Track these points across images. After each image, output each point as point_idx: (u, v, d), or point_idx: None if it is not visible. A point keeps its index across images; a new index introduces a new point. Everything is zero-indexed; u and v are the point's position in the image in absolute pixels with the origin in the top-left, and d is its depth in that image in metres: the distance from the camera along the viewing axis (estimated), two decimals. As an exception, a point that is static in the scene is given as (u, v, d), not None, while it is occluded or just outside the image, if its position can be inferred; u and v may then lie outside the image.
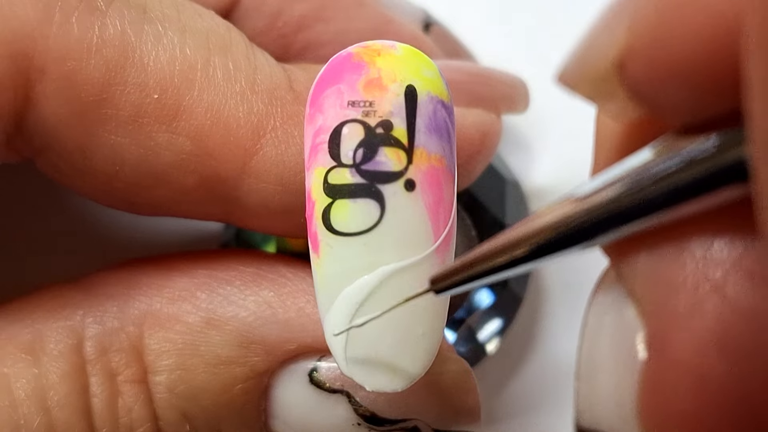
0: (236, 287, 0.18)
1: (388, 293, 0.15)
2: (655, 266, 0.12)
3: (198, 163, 0.17)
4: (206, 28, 0.18)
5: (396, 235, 0.15)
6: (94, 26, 0.16)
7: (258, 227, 0.19)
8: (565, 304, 0.25)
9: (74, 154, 0.17)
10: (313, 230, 0.16)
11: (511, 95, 0.22)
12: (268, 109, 0.17)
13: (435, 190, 0.16)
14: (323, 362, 0.18)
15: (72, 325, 0.17)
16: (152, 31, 0.17)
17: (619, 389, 0.12)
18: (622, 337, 0.12)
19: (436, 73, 0.16)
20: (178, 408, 0.18)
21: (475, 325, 0.23)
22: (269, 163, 0.17)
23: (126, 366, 0.17)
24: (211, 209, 0.18)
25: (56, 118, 0.17)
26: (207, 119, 0.17)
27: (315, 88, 0.16)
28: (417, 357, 0.16)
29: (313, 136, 0.16)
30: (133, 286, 0.18)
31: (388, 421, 0.18)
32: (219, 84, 0.17)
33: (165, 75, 0.17)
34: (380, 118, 0.15)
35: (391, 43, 0.16)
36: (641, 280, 0.12)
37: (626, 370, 0.12)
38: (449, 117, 0.16)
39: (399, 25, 0.22)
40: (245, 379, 0.18)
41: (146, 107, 0.17)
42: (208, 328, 0.18)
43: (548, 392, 0.24)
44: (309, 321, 0.18)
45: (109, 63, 0.16)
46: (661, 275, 0.12)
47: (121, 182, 0.17)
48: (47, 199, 0.23)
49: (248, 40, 0.18)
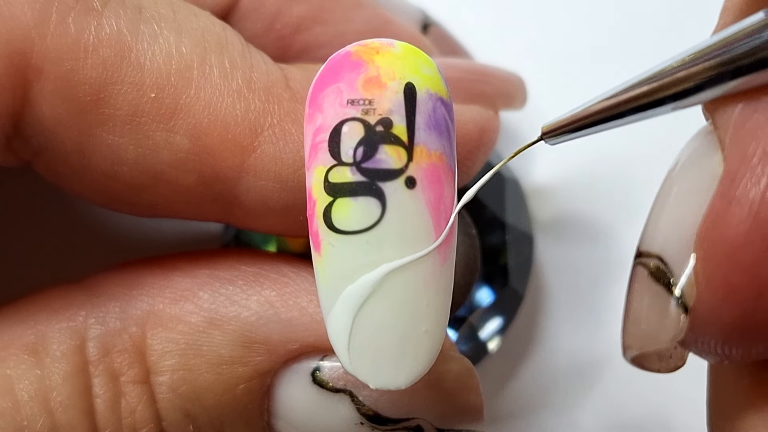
0: (238, 287, 0.18)
1: (390, 290, 0.15)
2: (746, 117, 0.13)
3: (196, 162, 0.17)
4: (202, 27, 0.18)
5: (397, 233, 0.15)
6: (90, 26, 0.17)
7: (257, 226, 0.19)
8: (566, 302, 0.25)
9: (72, 154, 0.17)
10: (315, 229, 0.16)
11: (509, 91, 0.22)
12: (265, 106, 0.17)
13: (436, 187, 0.16)
14: (326, 362, 0.18)
15: (75, 326, 0.17)
16: (148, 30, 0.17)
17: (685, 219, 0.14)
18: (702, 176, 0.14)
19: (435, 70, 0.16)
20: (181, 408, 0.18)
21: (476, 324, 0.23)
22: (267, 161, 0.17)
23: (129, 367, 0.17)
24: (210, 209, 0.18)
25: (54, 119, 0.17)
26: (204, 117, 0.17)
27: (314, 88, 0.16)
28: (420, 354, 0.16)
29: (312, 135, 0.16)
30: (136, 286, 0.18)
31: (391, 420, 0.18)
32: (215, 82, 0.17)
33: (162, 74, 0.17)
34: (380, 116, 0.15)
35: (390, 42, 0.16)
36: (732, 129, 0.13)
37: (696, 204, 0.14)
38: (449, 114, 0.16)
39: (398, 26, 0.22)
40: (248, 379, 0.18)
41: (143, 106, 0.17)
42: (211, 328, 0.18)
43: (549, 390, 0.25)
44: (311, 320, 0.18)
45: (106, 63, 0.17)
46: (749, 126, 0.13)
47: (120, 182, 0.17)
48: (49, 200, 0.23)
49: (244, 40, 0.18)
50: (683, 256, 0.14)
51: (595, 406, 0.24)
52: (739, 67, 0.13)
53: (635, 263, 0.15)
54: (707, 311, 0.13)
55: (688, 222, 0.14)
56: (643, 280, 0.15)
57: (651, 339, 0.14)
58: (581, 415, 0.24)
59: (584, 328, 0.25)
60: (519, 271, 0.24)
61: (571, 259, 0.25)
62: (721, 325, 0.13)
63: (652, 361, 0.15)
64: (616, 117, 0.14)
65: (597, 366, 0.25)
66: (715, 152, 0.14)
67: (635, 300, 0.15)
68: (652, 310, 0.14)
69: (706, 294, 0.13)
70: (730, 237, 0.13)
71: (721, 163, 0.13)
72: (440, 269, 0.16)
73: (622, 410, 0.25)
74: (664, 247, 0.14)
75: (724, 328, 0.13)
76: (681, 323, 0.14)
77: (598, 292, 0.25)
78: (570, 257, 0.25)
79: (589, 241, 0.25)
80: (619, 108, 0.14)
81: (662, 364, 0.15)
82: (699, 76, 0.13)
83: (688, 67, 0.14)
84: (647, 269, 0.15)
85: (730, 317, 0.13)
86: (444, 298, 0.16)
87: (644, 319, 0.15)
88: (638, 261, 0.15)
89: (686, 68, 0.14)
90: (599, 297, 0.25)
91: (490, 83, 0.21)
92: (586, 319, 0.25)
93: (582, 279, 0.25)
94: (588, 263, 0.25)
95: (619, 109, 0.14)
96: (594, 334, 0.25)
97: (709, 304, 0.13)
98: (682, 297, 0.14)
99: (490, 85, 0.21)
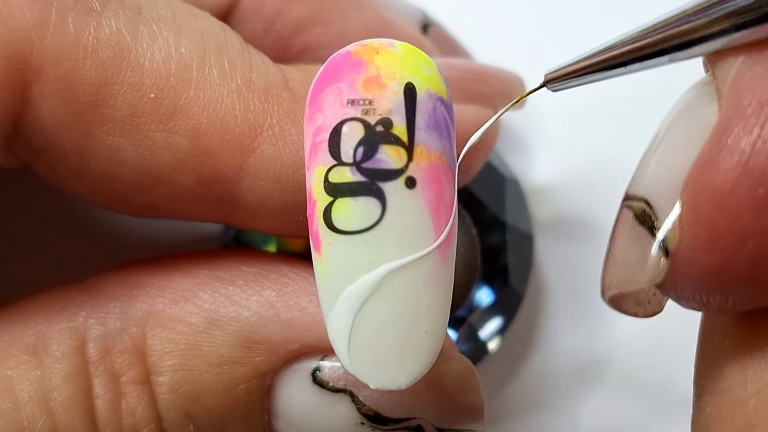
0: (238, 287, 0.18)
1: (390, 290, 0.15)
2: (746, 69, 0.13)
3: (196, 162, 0.17)
4: (201, 28, 0.18)
5: (397, 233, 0.15)
6: (89, 27, 0.17)
7: (257, 227, 0.19)
8: (566, 302, 0.25)
9: (72, 155, 0.17)
10: (315, 229, 0.16)
11: (508, 91, 0.22)
12: (265, 107, 0.17)
13: (436, 187, 0.16)
14: (326, 362, 0.18)
15: (75, 327, 0.17)
16: (147, 31, 0.17)
17: (675, 165, 0.14)
18: (696, 124, 0.14)
19: (435, 70, 0.16)
20: (182, 408, 0.18)
21: (476, 324, 0.23)
22: (267, 161, 0.17)
23: (129, 367, 0.17)
24: (209, 209, 0.18)
25: (54, 119, 0.17)
26: (204, 118, 0.17)
27: (314, 88, 0.16)
28: (420, 354, 0.16)
29: (312, 135, 0.16)
30: (136, 287, 0.18)
31: (392, 420, 0.18)
32: (215, 83, 0.17)
33: (161, 75, 0.17)
34: (380, 116, 0.15)
35: (390, 42, 0.16)
36: (731, 80, 0.14)
37: (687, 151, 0.14)
38: (449, 114, 0.16)
39: (397, 27, 0.22)
40: (248, 379, 0.18)
41: (143, 107, 0.17)
42: (211, 329, 0.18)
43: (550, 390, 0.25)
44: (311, 320, 0.18)
45: (105, 63, 0.17)
46: (747, 77, 0.13)
47: (119, 183, 0.17)
48: (49, 201, 0.23)
49: (243, 40, 0.18)
50: (669, 201, 0.14)
51: (595, 405, 0.25)
52: (743, 20, 0.13)
53: (622, 205, 0.15)
54: (688, 256, 0.14)
55: (678, 168, 0.14)
56: (628, 221, 0.15)
57: (630, 280, 0.15)
58: (581, 415, 0.24)
59: (584, 327, 0.25)
60: (519, 270, 0.24)
61: (571, 258, 0.25)
62: (701, 270, 0.14)
63: (629, 304, 0.15)
64: (618, 65, 0.15)
65: (597, 365, 0.25)
66: (711, 102, 0.14)
67: (618, 241, 0.15)
68: (633, 251, 0.15)
69: (689, 239, 0.14)
70: (717, 183, 0.13)
71: (716, 113, 0.14)
72: (440, 269, 0.16)
73: (622, 410, 0.25)
74: (651, 191, 0.14)
75: (704, 274, 0.14)
76: (661, 266, 0.14)
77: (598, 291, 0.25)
78: (570, 257, 0.25)
79: (589, 240, 0.25)
80: (623, 57, 0.15)
81: (639, 309, 0.15)
82: (704, 28, 0.14)
83: (692, 19, 0.14)
84: (633, 212, 0.15)
85: (710, 263, 0.13)
86: (444, 298, 0.16)
87: (625, 260, 0.15)
88: (625, 204, 0.15)
89: (691, 20, 0.14)
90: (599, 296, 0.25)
91: (490, 83, 0.21)
92: (586, 318, 0.25)
93: (582, 279, 0.25)
94: (588, 263, 0.25)
95: (623, 58, 0.15)
96: (594, 333, 0.25)
97: (690, 249, 0.14)
98: (665, 241, 0.14)
99: (489, 86, 0.21)
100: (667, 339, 0.25)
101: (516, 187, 0.25)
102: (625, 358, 0.25)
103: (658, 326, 0.24)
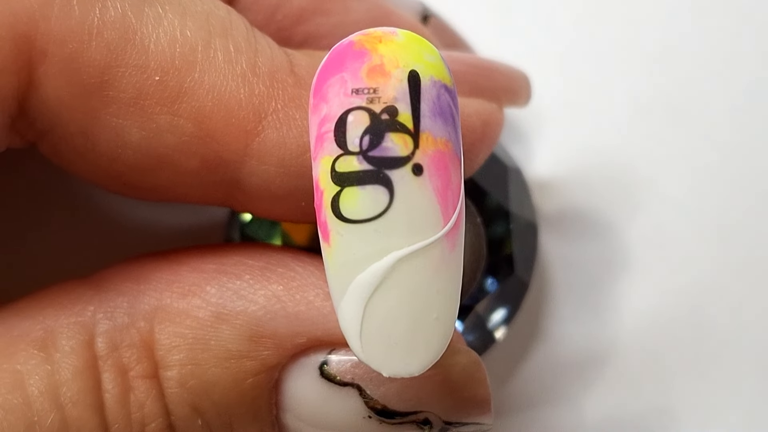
0: (245, 281, 0.18)
1: (400, 278, 0.15)
2: None
3: (200, 145, 0.17)
4: (206, 10, 0.18)
5: (406, 220, 0.15)
6: (95, 8, 0.16)
7: (259, 211, 0.19)
8: (571, 290, 0.25)
9: (76, 136, 0.17)
10: (323, 220, 0.16)
11: (513, 87, 0.22)
12: (270, 91, 0.17)
13: (443, 174, 0.16)
14: (334, 355, 0.18)
15: (83, 321, 0.17)
16: (153, 13, 0.17)
17: None
18: None
19: (438, 58, 0.16)
20: (190, 402, 0.18)
21: (482, 313, 0.23)
22: (271, 145, 0.17)
23: (137, 361, 0.17)
24: (212, 192, 0.18)
25: (59, 101, 0.17)
26: (208, 101, 0.17)
27: (318, 78, 0.16)
28: (432, 341, 0.16)
29: (318, 125, 0.16)
30: (143, 281, 0.18)
31: (399, 414, 0.18)
32: (220, 66, 0.17)
33: (166, 57, 0.17)
34: (385, 104, 0.15)
35: (392, 30, 0.16)
36: None
37: None
38: (453, 101, 0.16)
39: (398, 17, 0.22)
40: (256, 373, 0.18)
41: (148, 89, 0.17)
42: (218, 323, 0.18)
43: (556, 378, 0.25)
44: (319, 314, 0.18)
45: (111, 45, 0.16)
46: None
47: (123, 165, 0.17)
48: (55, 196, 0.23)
49: (249, 24, 0.18)
50: None
51: (601, 393, 0.25)
52: None
53: None
54: None
55: None
56: None
57: None
58: (588, 403, 0.25)
59: (589, 315, 0.25)
60: (524, 260, 0.24)
61: (576, 247, 0.25)
62: None
63: None
64: None
65: (603, 353, 0.25)
66: None
67: None
68: None
69: None
70: None
71: None
72: (449, 255, 0.16)
73: (627, 397, 0.25)
74: None
75: None
76: None
77: (602, 279, 0.25)
78: (574, 246, 0.25)
79: (592, 229, 0.25)
80: None
81: None
82: None
83: None
84: None
85: None
86: (454, 284, 0.16)
87: None
88: None
89: None
90: (604, 284, 0.25)
91: (494, 79, 0.21)
92: (591, 306, 0.25)
93: (586, 266, 0.25)
94: (592, 251, 0.25)
95: None
96: (599, 321, 0.25)
97: None
98: None
99: (493, 81, 0.21)
100: (672, 327, 0.25)
101: (519, 177, 0.25)
102: (631, 345, 0.25)
103: (664, 313, 0.24)
